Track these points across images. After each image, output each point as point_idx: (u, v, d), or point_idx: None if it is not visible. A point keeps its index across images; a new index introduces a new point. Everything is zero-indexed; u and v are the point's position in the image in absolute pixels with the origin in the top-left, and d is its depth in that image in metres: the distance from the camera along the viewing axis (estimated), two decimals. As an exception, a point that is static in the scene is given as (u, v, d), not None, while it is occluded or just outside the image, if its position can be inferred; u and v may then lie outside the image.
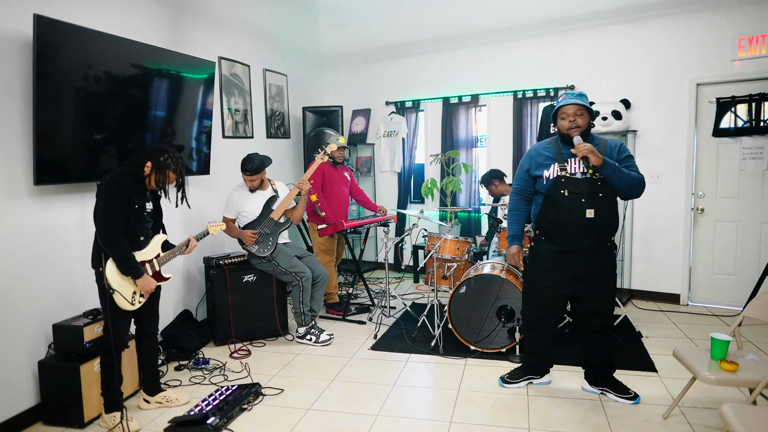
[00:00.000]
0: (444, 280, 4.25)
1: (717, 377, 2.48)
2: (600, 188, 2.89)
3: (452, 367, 3.69)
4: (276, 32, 5.74)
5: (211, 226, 3.38)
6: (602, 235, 2.95)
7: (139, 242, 2.99)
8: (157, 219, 3.17)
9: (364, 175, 6.71)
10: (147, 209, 3.03)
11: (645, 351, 3.88)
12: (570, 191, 2.92)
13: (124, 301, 2.88)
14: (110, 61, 3.32)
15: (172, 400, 3.24)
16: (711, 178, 4.93)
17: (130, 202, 2.87)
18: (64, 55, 3.01)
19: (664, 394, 3.21)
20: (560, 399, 3.17)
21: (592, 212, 2.89)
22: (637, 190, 2.91)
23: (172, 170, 2.95)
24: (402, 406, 3.17)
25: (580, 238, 2.95)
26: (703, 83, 4.86)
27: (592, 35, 5.29)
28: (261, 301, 4.29)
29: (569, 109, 2.94)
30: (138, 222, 2.95)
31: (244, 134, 5.16)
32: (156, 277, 3.07)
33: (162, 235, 3.18)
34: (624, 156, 2.94)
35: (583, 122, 2.93)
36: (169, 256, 3.14)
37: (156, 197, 3.12)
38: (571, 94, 2.99)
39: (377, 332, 4.36)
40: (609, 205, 2.92)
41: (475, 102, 5.94)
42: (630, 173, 2.86)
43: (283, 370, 3.72)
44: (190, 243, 3.21)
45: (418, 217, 4.56)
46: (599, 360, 3.16)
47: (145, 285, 2.95)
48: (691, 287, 5.10)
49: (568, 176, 2.94)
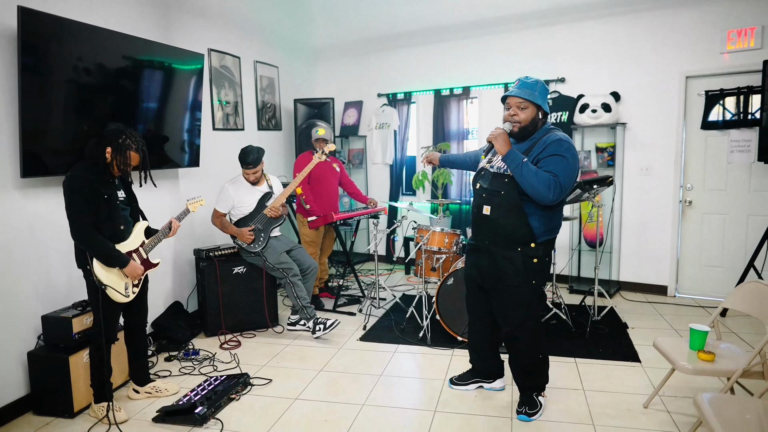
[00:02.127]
0: (433, 271, 4.28)
1: (694, 367, 2.53)
2: (504, 185, 2.68)
3: (439, 358, 3.73)
4: (267, 24, 5.73)
5: (191, 204, 3.32)
6: (500, 235, 2.74)
7: (120, 232, 2.94)
8: (133, 206, 3.11)
9: (356, 167, 6.72)
10: (119, 198, 2.96)
11: (630, 342, 3.92)
12: (480, 185, 2.83)
13: (117, 294, 2.87)
14: (97, 54, 3.32)
15: (161, 391, 3.27)
16: (699, 170, 4.97)
17: (96, 193, 2.78)
18: (49, 48, 3.01)
19: (646, 383, 3.26)
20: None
21: (488, 209, 2.74)
22: (541, 192, 2.54)
23: (133, 150, 2.84)
24: (388, 395, 3.21)
25: (480, 236, 2.86)
26: (693, 76, 4.88)
27: (583, 27, 5.30)
28: (251, 292, 4.32)
29: (512, 101, 2.71)
30: (112, 212, 2.88)
31: (235, 126, 5.17)
32: (145, 264, 3.06)
33: (143, 222, 3.13)
34: (550, 153, 2.60)
35: (525, 117, 2.68)
36: (154, 241, 3.11)
37: (126, 184, 3.07)
38: (521, 83, 2.72)
39: (366, 323, 4.40)
40: (509, 204, 2.67)
41: (467, 94, 5.95)
42: (537, 171, 2.55)
43: (272, 361, 3.76)
44: (172, 225, 3.16)
45: (407, 209, 4.58)
46: (513, 372, 3.01)
47: (133, 271, 2.91)
48: (678, 279, 5.15)
49: (486, 170, 2.83)
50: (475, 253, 2.95)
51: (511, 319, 2.84)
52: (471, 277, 3.02)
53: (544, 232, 2.75)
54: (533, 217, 2.69)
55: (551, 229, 2.78)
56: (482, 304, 3.01)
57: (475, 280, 2.97)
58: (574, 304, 4.73)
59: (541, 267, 2.78)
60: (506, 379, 3.25)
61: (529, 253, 2.73)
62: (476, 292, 3.02)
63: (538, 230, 2.71)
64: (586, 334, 4.03)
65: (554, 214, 2.78)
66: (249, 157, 4.10)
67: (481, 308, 3.04)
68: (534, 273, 2.76)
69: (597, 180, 4.02)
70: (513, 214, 2.69)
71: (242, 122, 5.29)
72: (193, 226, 4.58)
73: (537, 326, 2.91)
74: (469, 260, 3.03)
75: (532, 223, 2.69)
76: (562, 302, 4.36)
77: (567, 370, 3.48)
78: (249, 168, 4.12)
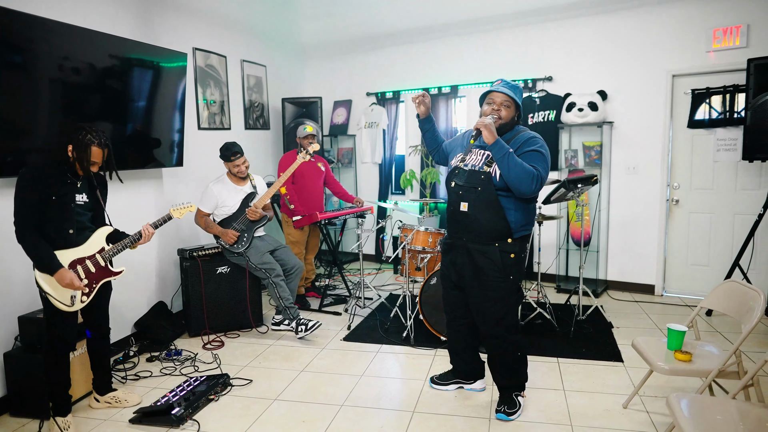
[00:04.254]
0: (418, 271, 4.27)
1: (670, 367, 2.51)
2: (481, 182, 2.69)
3: (422, 358, 3.72)
4: (254, 22, 5.70)
5: (175, 210, 3.17)
6: (477, 231, 2.74)
7: (69, 236, 2.75)
8: (97, 211, 2.93)
9: (346, 167, 6.70)
10: (77, 201, 2.78)
11: (614, 342, 3.91)
12: (455, 183, 2.82)
13: (59, 303, 2.70)
14: (73, 53, 3.30)
15: (121, 401, 3.14)
16: (686, 169, 4.96)
17: (44, 193, 2.63)
18: (21, 46, 2.99)
19: (627, 383, 3.24)
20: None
21: (465, 206, 2.74)
22: (525, 183, 2.57)
23: (95, 145, 2.69)
24: (367, 396, 3.20)
25: (457, 233, 2.85)
26: (679, 74, 4.87)
27: (571, 26, 5.29)
28: (235, 292, 4.30)
29: (497, 98, 2.75)
30: (63, 214, 2.72)
31: (221, 126, 5.14)
32: (101, 272, 2.88)
33: (106, 227, 2.95)
34: (529, 149, 2.67)
35: (506, 115, 2.75)
36: (117, 248, 2.91)
37: (92, 188, 2.88)
38: (505, 82, 2.78)
39: (351, 323, 4.38)
40: (487, 200, 2.69)
41: (455, 93, 5.93)
42: (523, 163, 2.59)
43: (254, 361, 3.74)
44: (144, 232, 2.99)
45: (392, 208, 4.56)
46: (492, 371, 3.00)
47: (62, 280, 2.65)
48: (665, 278, 5.14)
49: (460, 168, 2.82)
50: (451, 251, 2.94)
51: (488, 316, 2.83)
52: (447, 275, 3.01)
53: (521, 227, 2.77)
54: (510, 212, 2.72)
55: (527, 224, 2.81)
56: (459, 303, 3.00)
57: (452, 278, 2.96)
58: (560, 303, 4.72)
59: (517, 262, 2.79)
60: (487, 380, 3.23)
61: (507, 248, 2.74)
62: (453, 291, 3.01)
63: (515, 225, 2.73)
64: (570, 334, 4.02)
65: (530, 209, 2.82)
66: (235, 146, 4.10)
67: (459, 307, 3.02)
68: (510, 268, 2.77)
69: (582, 179, 4.01)
70: (490, 209, 2.70)
71: (229, 122, 5.26)
72: (178, 226, 4.56)
73: (515, 322, 2.91)
74: (445, 258, 3.02)
75: (509, 218, 2.71)
76: (548, 302, 4.35)
77: (549, 369, 3.47)
78: (237, 157, 4.10)
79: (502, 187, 2.67)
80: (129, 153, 3.90)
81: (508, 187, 2.65)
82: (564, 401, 3.04)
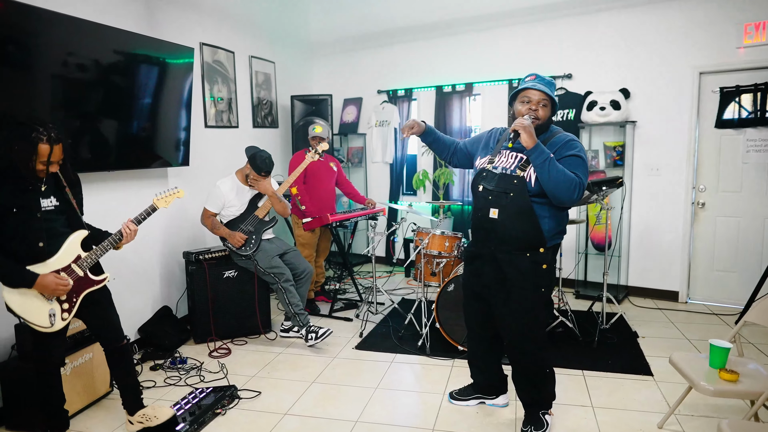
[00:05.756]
0: (433, 276, 4.07)
1: (715, 388, 2.31)
2: (513, 187, 2.49)
3: (438, 369, 3.53)
4: (263, 18, 5.52)
5: (159, 199, 2.77)
6: (507, 240, 2.53)
7: (38, 249, 2.42)
8: (70, 214, 2.57)
9: (356, 166, 6.52)
10: (45, 207, 2.44)
11: (641, 353, 3.71)
12: (484, 187, 2.59)
13: (37, 326, 2.43)
14: (73, 46, 3.13)
15: (150, 418, 2.77)
16: (713, 171, 4.74)
17: (2, 207, 2.32)
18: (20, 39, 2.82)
19: (659, 399, 3.05)
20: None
21: (495, 212, 2.53)
22: (566, 191, 2.39)
23: (44, 142, 2.31)
24: (383, 411, 3.01)
25: (484, 240, 2.63)
26: (707, 72, 4.65)
27: (591, 21, 5.07)
28: (242, 297, 4.13)
29: (534, 95, 2.52)
30: (28, 226, 2.39)
31: (229, 123, 4.97)
32: (83, 283, 2.56)
33: (80, 232, 2.57)
34: (568, 154, 2.47)
35: (544, 115, 2.53)
36: (96, 253, 2.57)
37: (60, 187, 2.53)
38: (540, 78, 2.56)
39: (363, 330, 4.20)
40: (519, 207, 2.48)
41: (469, 91, 5.74)
42: (564, 170, 2.40)
43: (262, 371, 3.57)
44: (125, 230, 2.62)
45: (406, 211, 4.38)
46: (516, 387, 2.79)
47: (45, 288, 2.39)
48: (690, 284, 4.93)
49: (489, 171, 2.60)
50: (476, 260, 2.74)
51: (516, 330, 2.63)
52: (470, 286, 2.81)
53: (555, 235, 2.58)
54: (545, 220, 2.52)
55: (560, 232, 2.62)
56: (482, 315, 2.80)
57: (475, 288, 2.77)
58: (581, 310, 4.52)
59: (548, 273, 2.60)
60: (509, 395, 3.04)
61: (538, 258, 2.54)
62: (475, 302, 2.80)
63: (548, 233, 2.54)
64: (593, 344, 3.82)
65: (564, 216, 2.63)
66: (270, 165, 3.95)
67: (482, 320, 2.82)
68: (542, 280, 2.58)
69: (606, 181, 3.82)
70: (523, 216, 2.50)
71: (236, 119, 5.09)
72: (183, 227, 4.39)
73: (543, 337, 2.71)
74: (468, 268, 2.82)
75: (543, 226, 2.51)
76: (569, 309, 4.15)
77: (573, 383, 3.28)
78: (264, 175, 3.95)
79: (537, 192, 2.47)
80: (134, 152, 3.74)
81: (544, 193, 2.45)
82: (593, 419, 2.85)
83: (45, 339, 2.53)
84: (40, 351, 2.58)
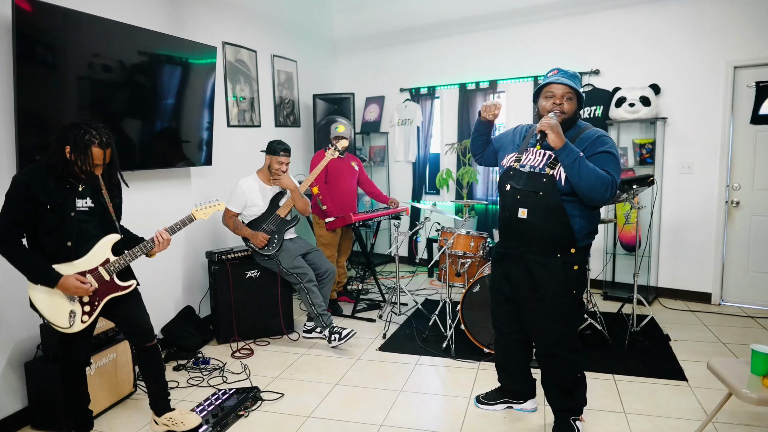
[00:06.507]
0: (457, 277, 4.00)
1: (759, 396, 2.20)
2: (542, 186, 2.41)
3: (464, 372, 3.46)
4: (285, 16, 5.50)
5: (198, 210, 2.76)
6: (537, 240, 2.46)
7: (66, 248, 2.41)
8: (105, 218, 2.55)
9: (378, 165, 6.46)
10: (79, 207, 2.44)
11: (673, 356, 3.59)
12: (512, 186, 2.51)
13: (56, 326, 2.44)
14: (101, 46, 3.13)
15: (177, 423, 2.74)
16: (748, 168, 4.58)
17: (35, 202, 2.32)
18: (48, 38, 2.83)
19: (694, 406, 2.93)
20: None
21: (525, 212, 2.45)
22: (597, 190, 2.31)
23: (95, 145, 2.33)
24: (408, 414, 2.95)
25: (512, 241, 2.56)
26: (741, 66, 4.49)
27: (619, 15, 4.94)
28: (265, 297, 4.10)
29: (557, 90, 2.44)
30: (60, 224, 2.39)
31: (251, 123, 4.95)
32: (107, 287, 2.53)
33: (112, 235, 2.55)
34: (599, 150, 2.38)
35: (570, 109, 2.44)
36: (126, 258, 2.55)
37: (97, 190, 2.51)
38: (563, 72, 2.48)
39: (386, 331, 4.15)
40: (549, 206, 2.41)
41: (494, 88, 5.64)
42: (596, 168, 2.31)
43: (285, 372, 3.53)
44: (157, 239, 2.60)
45: (430, 210, 4.31)
46: (546, 392, 2.70)
47: (66, 289, 2.39)
48: (723, 286, 4.77)
49: (516, 169, 2.53)
50: (504, 262, 2.66)
51: (546, 334, 2.55)
52: (498, 288, 2.73)
53: (586, 235, 2.50)
54: (576, 219, 2.43)
55: (591, 232, 2.53)
56: (511, 318, 2.71)
57: (504, 291, 2.69)
58: (610, 312, 4.40)
59: (580, 274, 2.52)
60: (538, 399, 2.95)
61: (569, 259, 2.46)
62: (504, 305, 2.72)
63: (580, 234, 2.45)
64: (624, 347, 3.71)
65: (595, 215, 2.54)
66: (284, 145, 3.94)
67: (510, 323, 2.73)
68: (574, 281, 2.50)
69: (637, 179, 3.71)
70: (553, 216, 2.42)
71: (259, 119, 5.07)
72: (205, 227, 4.38)
73: (575, 341, 2.61)
74: (496, 270, 2.74)
75: (574, 226, 2.43)
76: (597, 311, 4.04)
77: (604, 388, 3.18)
78: (285, 154, 3.92)
79: (567, 191, 2.38)
80: (157, 152, 3.74)
81: (574, 191, 2.36)
82: (627, 426, 2.75)
83: (71, 339, 2.53)
84: (66, 351, 2.59)
